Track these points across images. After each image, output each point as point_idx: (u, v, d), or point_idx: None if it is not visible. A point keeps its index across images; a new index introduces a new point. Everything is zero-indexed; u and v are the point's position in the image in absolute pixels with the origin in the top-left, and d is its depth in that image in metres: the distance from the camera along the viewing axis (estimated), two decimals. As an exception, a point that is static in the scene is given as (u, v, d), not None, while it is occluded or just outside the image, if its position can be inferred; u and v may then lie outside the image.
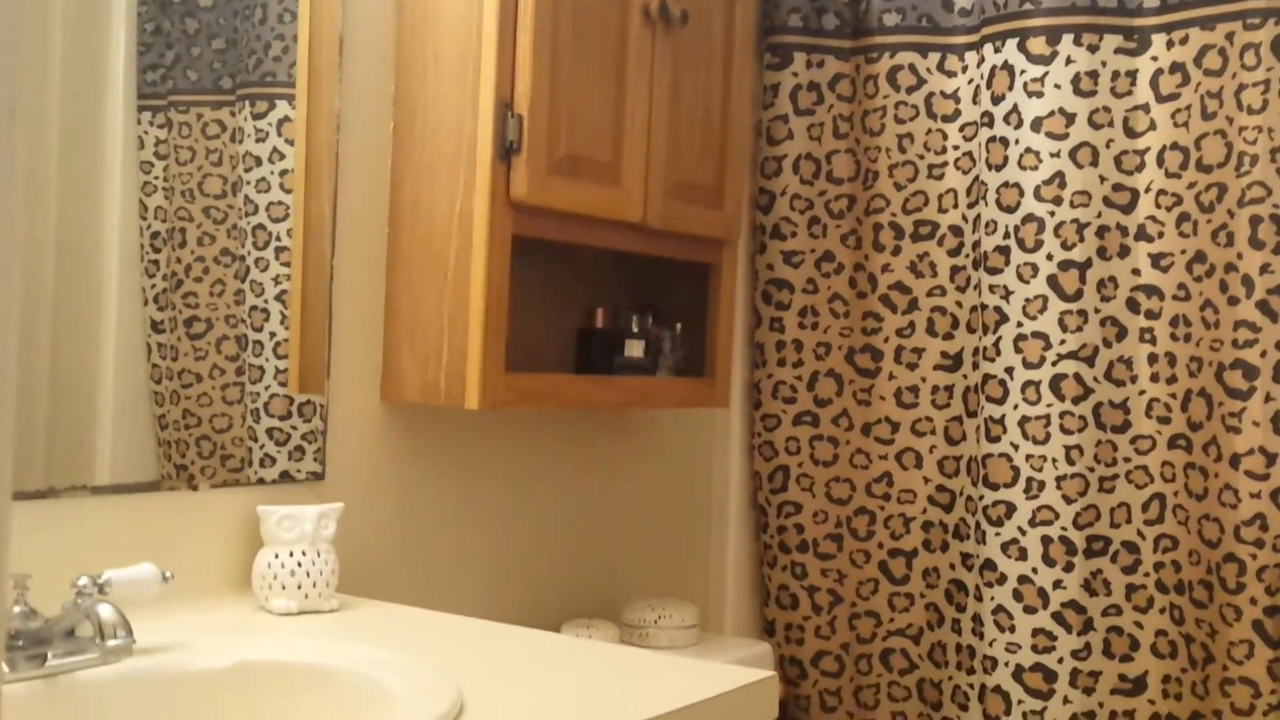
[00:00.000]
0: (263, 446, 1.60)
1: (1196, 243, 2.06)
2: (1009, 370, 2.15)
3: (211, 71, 1.53)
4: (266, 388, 1.60)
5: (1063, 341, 2.12)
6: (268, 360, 1.60)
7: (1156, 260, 2.10)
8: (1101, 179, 2.11)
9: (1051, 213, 2.12)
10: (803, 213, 2.40)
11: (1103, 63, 2.11)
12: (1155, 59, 2.09)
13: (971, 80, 2.28)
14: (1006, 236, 2.16)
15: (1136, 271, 2.11)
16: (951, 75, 2.30)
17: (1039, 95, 2.13)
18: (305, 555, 1.50)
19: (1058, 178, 2.12)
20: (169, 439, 1.50)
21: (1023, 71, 2.14)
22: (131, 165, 1.45)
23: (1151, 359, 2.10)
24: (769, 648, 2.24)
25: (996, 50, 2.18)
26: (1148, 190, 2.11)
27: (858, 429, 2.38)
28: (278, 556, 1.49)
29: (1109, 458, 2.12)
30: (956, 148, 2.29)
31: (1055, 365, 2.12)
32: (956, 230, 2.29)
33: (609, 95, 1.80)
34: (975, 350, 2.25)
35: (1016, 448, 2.14)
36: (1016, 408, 2.14)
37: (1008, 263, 2.16)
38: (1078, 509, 2.11)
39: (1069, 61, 2.11)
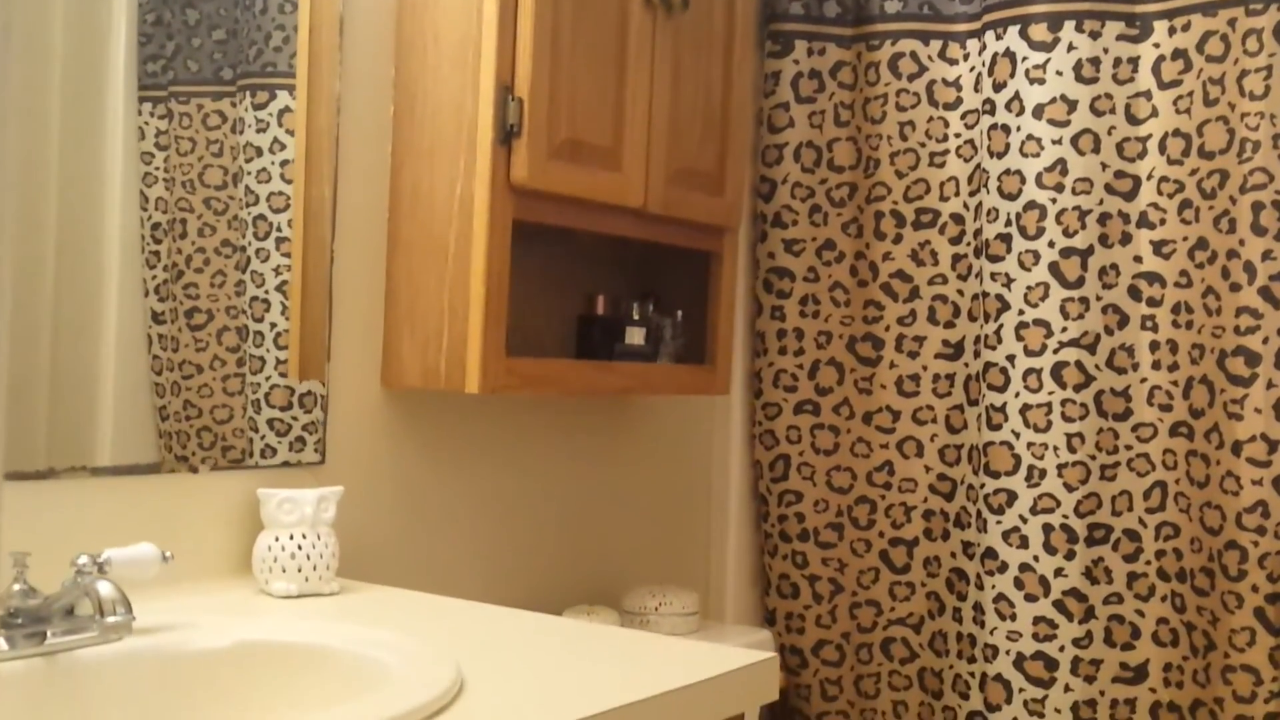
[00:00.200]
0: (263, 437, 1.60)
1: (1198, 229, 2.05)
2: (1010, 358, 2.15)
3: (212, 62, 1.53)
4: (267, 378, 1.60)
5: (1064, 329, 2.12)
6: (268, 351, 1.60)
7: (1158, 247, 2.09)
8: (1103, 166, 2.11)
9: (1053, 200, 2.12)
10: (804, 201, 2.39)
11: (1104, 49, 2.11)
12: (1157, 45, 2.09)
13: (973, 67, 2.27)
14: (1008, 224, 2.15)
15: (1138, 259, 2.11)
16: (953, 63, 2.30)
17: (1041, 82, 2.12)
18: (305, 538, 1.50)
19: (1059, 165, 2.11)
20: (170, 430, 1.50)
21: (1024, 58, 2.14)
22: (132, 156, 1.45)
23: (1153, 346, 2.10)
24: (770, 635, 2.23)
25: (998, 37, 2.17)
26: (1149, 177, 2.10)
27: (859, 417, 2.38)
28: (278, 539, 1.49)
29: (1110, 445, 2.12)
30: (958, 135, 2.29)
31: (1057, 353, 2.12)
32: (958, 218, 2.29)
33: (609, 79, 1.80)
34: (977, 338, 2.25)
35: (1018, 435, 2.14)
36: (1018, 395, 2.14)
37: (1009, 250, 2.15)
38: (1079, 497, 2.11)
39: (1071, 48, 2.11)
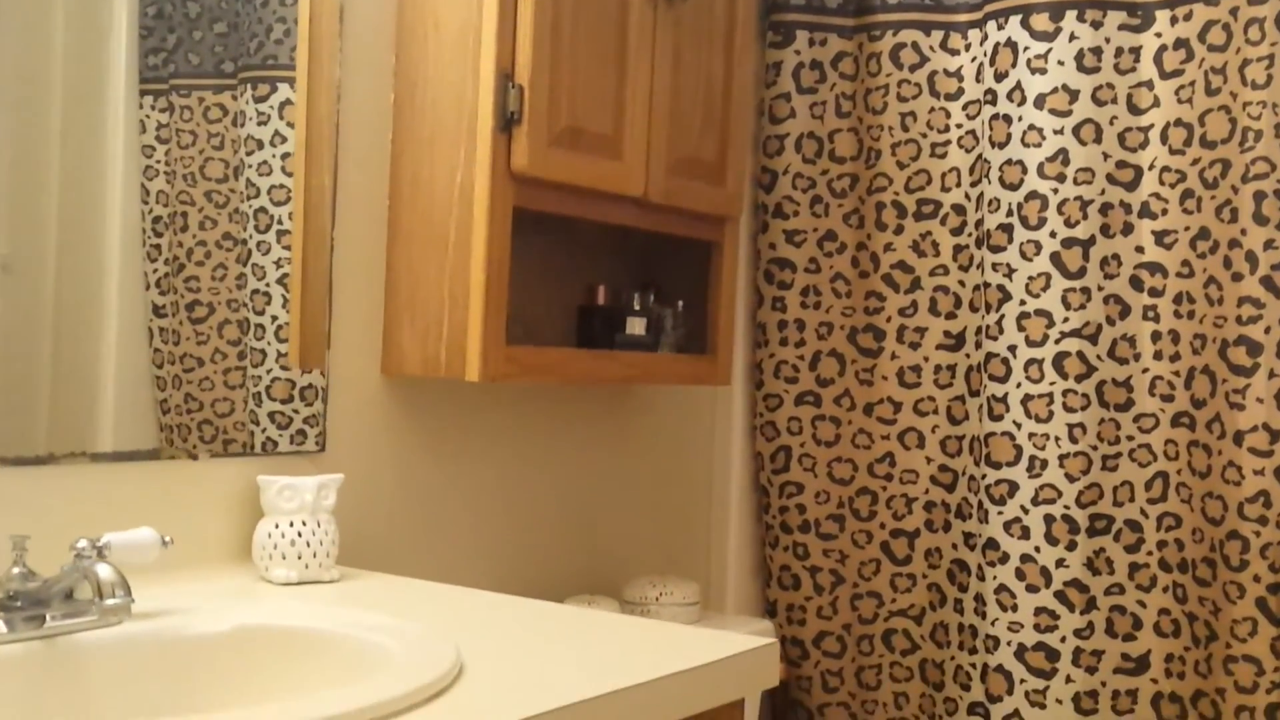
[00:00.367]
0: (264, 430, 1.59)
1: (1200, 219, 2.05)
2: (1012, 349, 2.15)
3: (213, 55, 1.53)
4: (269, 371, 1.60)
5: (1066, 319, 2.11)
6: (269, 344, 1.60)
7: (1160, 237, 2.09)
8: (1105, 156, 2.11)
9: (1055, 190, 2.11)
10: (805, 191, 2.39)
11: (1106, 39, 2.11)
12: (1159, 35, 2.09)
13: (975, 58, 2.27)
14: (1009, 214, 2.15)
15: (1140, 249, 2.11)
16: (954, 53, 2.30)
17: (1042, 72, 2.12)
18: (305, 525, 1.50)
19: (1061, 155, 2.11)
20: (171, 423, 1.49)
21: (1026, 48, 2.13)
22: (133, 149, 1.45)
23: (1155, 336, 2.10)
24: (771, 626, 2.23)
25: (1000, 27, 2.17)
26: (1151, 167, 2.10)
27: (860, 409, 2.37)
28: (278, 526, 1.49)
29: (1112, 436, 2.11)
30: (959, 126, 2.28)
31: (1058, 343, 2.12)
32: (959, 209, 2.29)
33: (610, 68, 1.80)
34: (978, 329, 2.25)
35: (1019, 426, 2.14)
36: (1019, 386, 2.14)
37: (1010, 241, 2.15)
38: (1080, 487, 2.11)
39: (1072, 38, 2.11)
